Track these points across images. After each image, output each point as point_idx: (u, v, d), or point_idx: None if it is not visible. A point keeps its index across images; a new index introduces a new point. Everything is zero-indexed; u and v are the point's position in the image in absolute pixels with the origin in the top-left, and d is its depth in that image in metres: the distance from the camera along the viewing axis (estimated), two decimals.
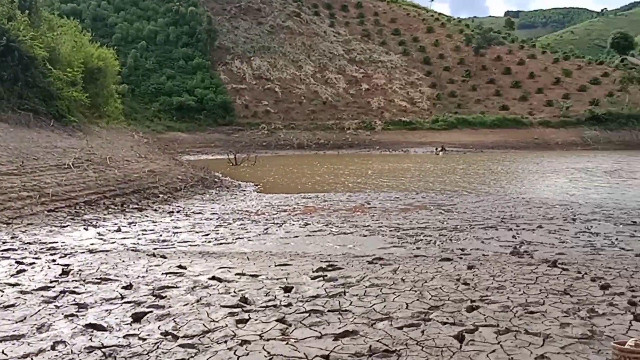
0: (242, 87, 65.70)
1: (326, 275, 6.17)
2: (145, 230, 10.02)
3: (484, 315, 4.67)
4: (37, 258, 6.69)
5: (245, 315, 4.53)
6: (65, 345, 3.69)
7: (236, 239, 9.37)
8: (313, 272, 6.39)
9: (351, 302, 5.08)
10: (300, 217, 12.10)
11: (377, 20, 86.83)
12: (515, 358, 3.65)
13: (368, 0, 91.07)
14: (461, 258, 7.33)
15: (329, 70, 71.91)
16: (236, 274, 6.14)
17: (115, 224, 10.53)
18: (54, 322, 4.18)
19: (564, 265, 6.54)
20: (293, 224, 10.94)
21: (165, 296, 5.01)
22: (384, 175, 25.36)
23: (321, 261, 7.18)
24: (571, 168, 30.55)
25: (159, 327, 4.11)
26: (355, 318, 4.61)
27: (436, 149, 50.44)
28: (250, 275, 6.11)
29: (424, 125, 61.82)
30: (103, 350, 3.64)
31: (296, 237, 9.56)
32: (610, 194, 17.73)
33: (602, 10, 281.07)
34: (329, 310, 4.81)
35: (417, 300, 5.17)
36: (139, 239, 9.08)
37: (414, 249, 8.28)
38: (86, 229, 9.74)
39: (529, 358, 3.66)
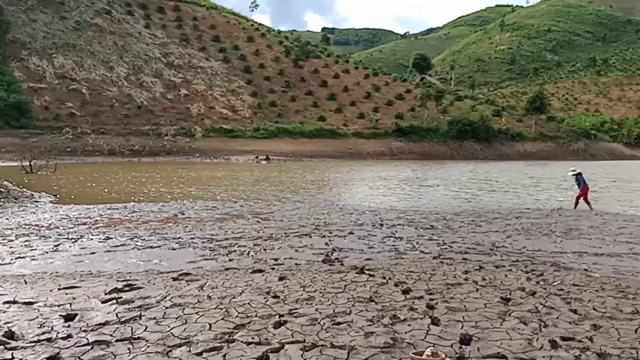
0: (42, 87, 58.86)
1: (121, 297, 5.45)
2: None
3: (292, 330, 4.42)
4: None
5: (8, 355, 3.73)
6: None
7: (16, 258, 7.93)
8: (105, 294, 5.62)
9: (146, 327, 4.49)
10: (102, 230, 10.83)
11: (196, 25, 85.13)
12: None
13: (186, 3, 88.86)
14: (273, 269, 7.08)
15: (145, 73, 68.22)
16: (5, 303, 5.13)
17: None
18: None
19: (371, 271, 6.64)
20: (91, 239, 9.70)
21: None
22: (203, 184, 24.54)
23: (118, 280, 6.36)
24: (378, 176, 33.00)
25: None
26: (148, 347, 4.05)
27: (257, 157, 50.82)
28: (24, 303, 5.15)
29: (246, 133, 61.96)
30: None
31: (93, 253, 8.42)
32: (410, 200, 19.32)
33: (405, 33, 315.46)
34: (117, 340, 4.18)
35: (223, 319, 4.75)
36: None
37: (226, 261, 7.82)
38: None
39: None
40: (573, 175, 17.14)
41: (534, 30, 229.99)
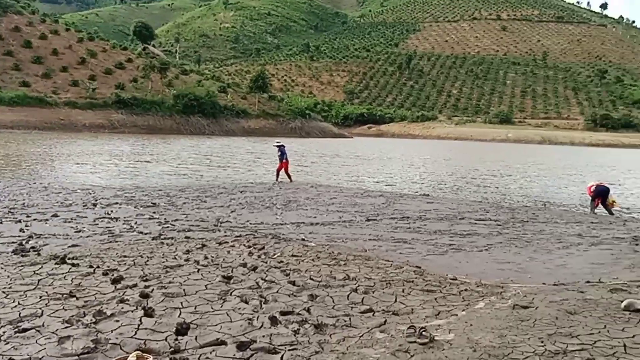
0: None
1: None
2: None
3: None
4: None
5: None
6: None
7: None
8: None
9: None
10: None
11: None
12: None
13: None
14: None
15: None
16: None
17: None
18: None
19: (75, 259, 5.67)
20: None
21: None
22: None
23: None
24: (90, 151, 30.31)
25: None
26: None
27: None
28: None
29: None
30: None
31: None
32: (127, 177, 18.07)
33: None
34: None
35: None
36: None
37: None
38: None
39: None
40: (277, 146, 18.11)
41: (256, 12, 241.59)
